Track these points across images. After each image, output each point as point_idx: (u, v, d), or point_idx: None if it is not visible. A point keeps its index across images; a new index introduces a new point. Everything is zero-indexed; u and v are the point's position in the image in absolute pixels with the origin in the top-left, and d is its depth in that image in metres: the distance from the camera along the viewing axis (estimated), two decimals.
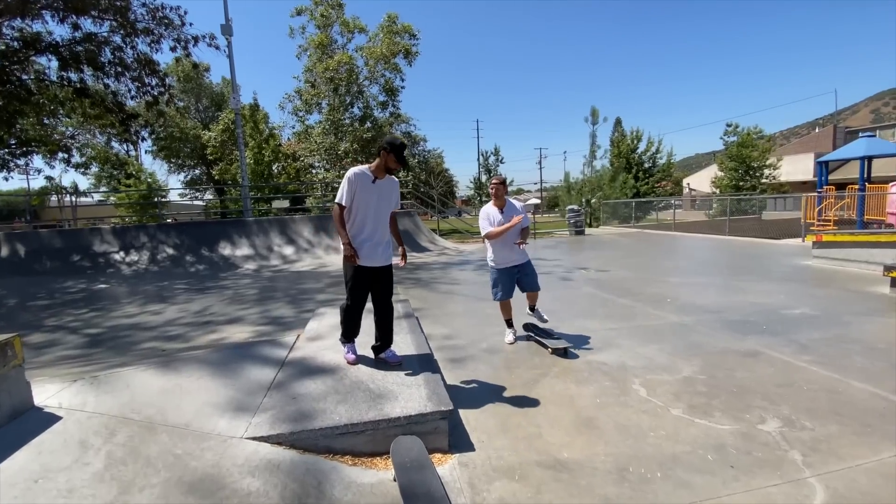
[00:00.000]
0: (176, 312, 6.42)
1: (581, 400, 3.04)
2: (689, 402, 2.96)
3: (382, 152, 3.07)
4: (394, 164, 3.09)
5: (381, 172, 3.11)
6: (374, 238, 3.13)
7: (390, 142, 3.09)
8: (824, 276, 6.76)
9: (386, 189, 3.19)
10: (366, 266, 3.11)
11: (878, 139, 13.85)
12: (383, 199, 3.17)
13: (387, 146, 3.07)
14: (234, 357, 3.21)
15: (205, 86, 35.61)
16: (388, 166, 3.10)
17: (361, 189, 3.05)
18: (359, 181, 3.05)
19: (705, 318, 4.88)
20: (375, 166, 3.10)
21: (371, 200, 3.09)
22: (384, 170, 3.11)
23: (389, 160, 3.07)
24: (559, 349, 3.87)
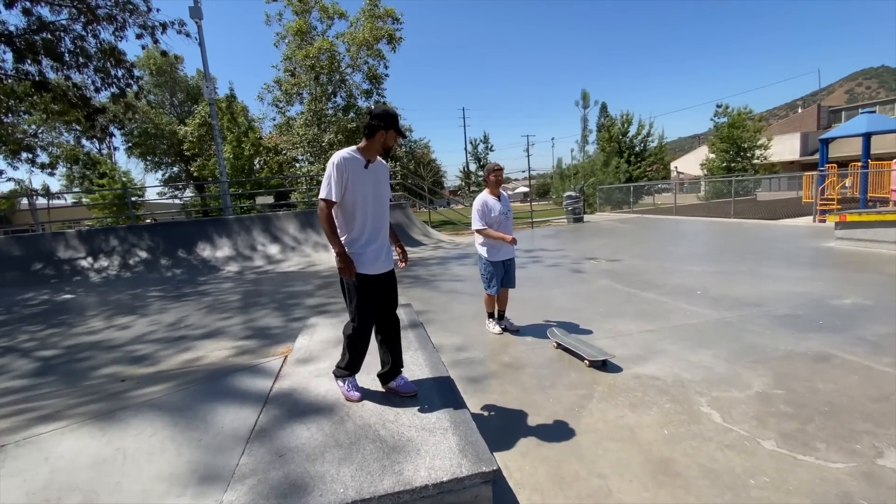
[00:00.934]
0: (146, 326, 5.68)
1: (644, 432, 2.43)
2: (778, 430, 2.37)
3: (380, 132, 2.41)
4: (394, 140, 2.47)
5: (373, 154, 2.48)
6: (377, 239, 2.49)
7: (383, 113, 2.41)
8: (856, 260, 6.28)
9: (381, 175, 2.57)
10: (371, 274, 2.45)
11: (879, 115, 13.50)
12: (380, 187, 2.55)
13: (383, 121, 2.39)
14: (201, 397, 2.52)
15: (179, 79, 34.13)
16: (387, 146, 2.47)
17: (354, 178, 2.39)
18: (350, 167, 2.38)
19: (748, 312, 4.33)
20: (367, 147, 2.45)
21: (368, 191, 2.45)
22: (380, 151, 2.48)
23: (390, 139, 2.45)
24: (597, 361, 3.27)
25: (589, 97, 27.41)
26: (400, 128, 2.47)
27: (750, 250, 7.79)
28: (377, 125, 2.39)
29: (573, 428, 2.51)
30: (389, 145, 2.47)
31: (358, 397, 2.48)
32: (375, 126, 2.39)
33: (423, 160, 42.47)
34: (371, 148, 2.44)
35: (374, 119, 2.41)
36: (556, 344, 3.70)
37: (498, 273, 4.13)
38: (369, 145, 2.44)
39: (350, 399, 2.48)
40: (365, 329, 2.50)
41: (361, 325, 2.47)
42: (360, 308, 2.44)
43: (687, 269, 6.48)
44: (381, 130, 2.40)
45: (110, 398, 2.71)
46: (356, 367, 2.57)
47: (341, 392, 2.54)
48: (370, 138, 2.42)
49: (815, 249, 7.27)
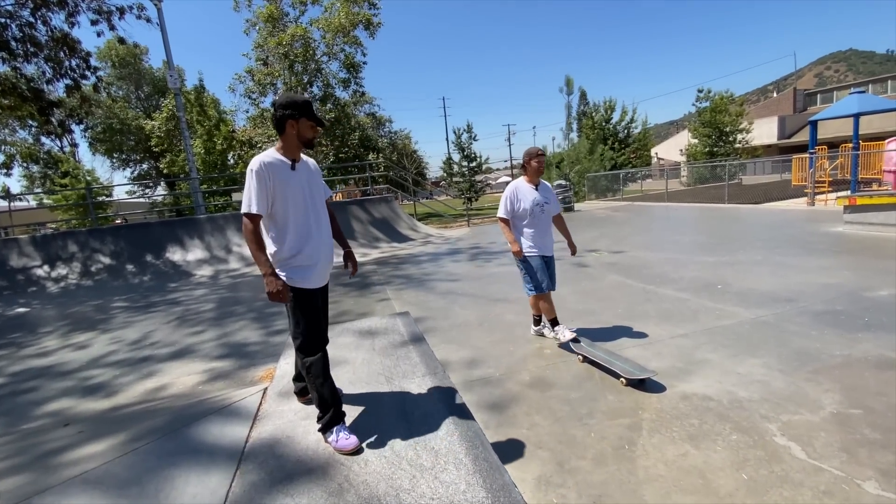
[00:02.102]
0: (106, 345, 5.01)
1: (718, 477, 1.96)
2: (875, 465, 1.93)
3: (289, 123, 2.09)
4: (311, 130, 2.15)
5: (295, 152, 2.18)
6: (319, 249, 2.19)
7: (288, 101, 2.10)
8: (873, 245, 5.98)
9: (312, 175, 2.28)
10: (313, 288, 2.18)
11: (869, 95, 13.40)
12: (314, 187, 2.26)
13: (289, 109, 2.08)
14: (154, 461, 1.94)
15: (144, 71, 32.45)
16: (303, 138, 2.15)
17: (281, 183, 2.08)
18: (273, 173, 2.06)
19: (783, 310, 3.92)
20: (285, 146, 2.15)
21: (299, 196, 2.15)
22: (299, 146, 2.17)
23: (303, 128, 2.12)
24: (634, 379, 2.79)
25: (573, 83, 26.94)
26: (315, 114, 2.16)
27: (756, 237, 7.47)
28: (284, 115, 2.08)
29: (630, 475, 2.02)
30: (307, 137, 2.16)
31: (354, 444, 2.02)
32: (282, 117, 2.09)
33: (405, 151, 41.63)
34: (289, 145, 2.15)
35: (278, 109, 2.10)
36: (581, 357, 3.19)
37: (543, 268, 3.47)
38: (286, 142, 2.15)
39: (343, 451, 2.00)
40: (321, 351, 2.19)
41: (315, 347, 2.15)
42: (310, 328, 2.14)
43: (699, 261, 6.09)
44: (289, 121, 2.09)
45: (36, 465, 2.10)
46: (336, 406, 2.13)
47: (331, 446, 2.05)
48: (282, 133, 2.13)
49: (825, 235, 6.97)
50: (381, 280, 6.85)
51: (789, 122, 32.27)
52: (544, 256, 3.50)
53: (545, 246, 3.51)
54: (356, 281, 6.99)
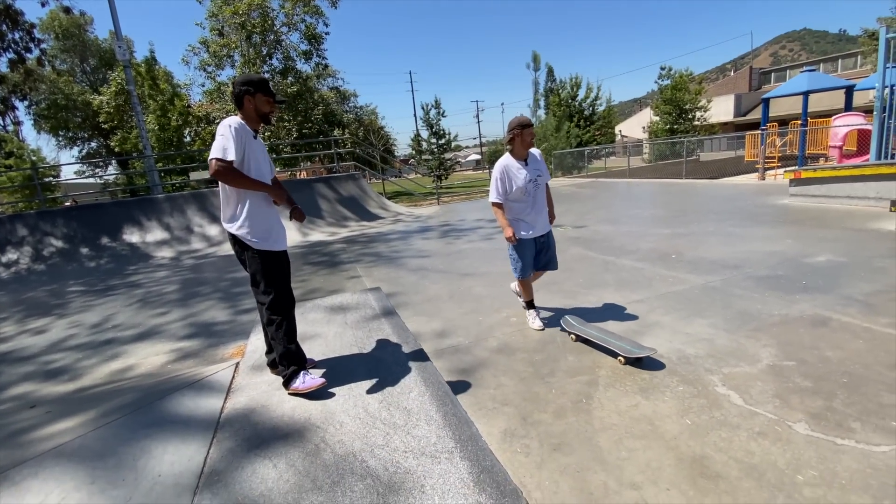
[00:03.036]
0: (65, 329, 4.85)
1: (665, 423, 2.16)
2: (806, 409, 2.17)
3: (246, 98, 2.28)
4: (267, 104, 2.32)
5: (255, 125, 2.36)
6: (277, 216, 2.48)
7: (246, 79, 2.31)
8: (814, 215, 6.42)
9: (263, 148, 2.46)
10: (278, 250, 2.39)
11: (819, 73, 14.08)
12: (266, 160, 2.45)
13: (247, 85, 2.27)
14: (129, 433, 1.96)
15: (90, 42, 30.14)
16: (260, 111, 2.32)
17: (250, 145, 2.26)
18: (244, 134, 2.24)
19: (730, 275, 4.21)
20: (246, 120, 2.31)
21: (262, 162, 2.37)
22: (258, 120, 2.35)
23: (259, 102, 2.29)
24: (632, 358, 2.68)
25: (540, 59, 27.00)
26: (270, 90, 2.33)
27: (710, 210, 7.87)
28: (242, 91, 2.27)
29: (587, 425, 2.20)
30: (264, 111, 2.33)
31: (320, 382, 2.26)
32: (240, 93, 2.28)
33: (372, 127, 40.74)
34: (248, 119, 2.31)
35: (237, 87, 2.30)
36: (574, 336, 3.10)
37: (528, 252, 3.30)
38: (245, 116, 2.31)
39: (312, 387, 2.23)
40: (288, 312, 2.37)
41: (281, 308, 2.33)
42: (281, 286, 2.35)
43: (656, 233, 6.39)
44: (247, 96, 2.27)
45: (7, 443, 2.08)
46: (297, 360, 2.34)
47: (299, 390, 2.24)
48: (241, 108, 2.30)
49: (772, 206, 7.42)
50: (350, 258, 6.85)
51: (745, 100, 33.51)
52: (539, 238, 3.34)
53: (541, 224, 3.32)
54: (325, 260, 6.96)
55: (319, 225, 10.07)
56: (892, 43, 7.60)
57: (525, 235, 3.29)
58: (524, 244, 3.30)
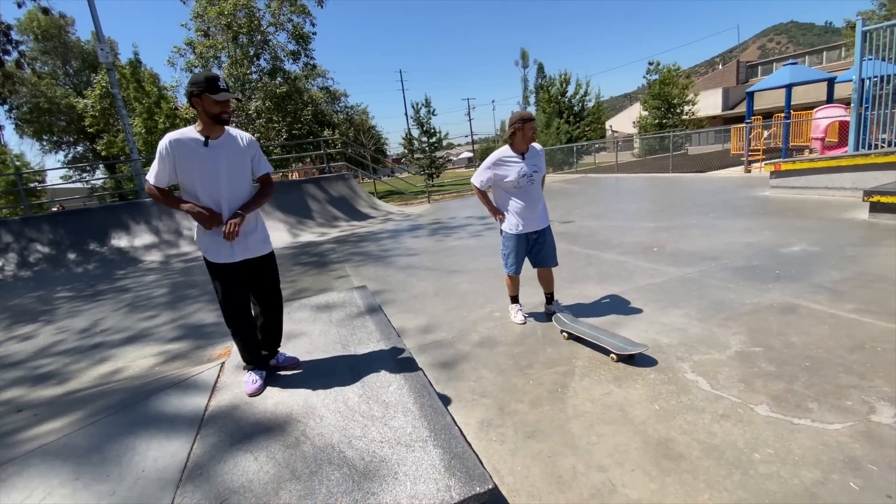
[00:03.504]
0: (53, 334, 4.87)
1: (635, 409, 2.26)
2: (768, 392, 2.28)
3: (194, 101, 2.18)
4: (215, 105, 2.16)
5: (210, 128, 2.23)
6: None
7: (193, 80, 2.19)
8: (793, 207, 6.57)
9: (233, 151, 2.30)
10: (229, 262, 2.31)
11: (801, 66, 14.29)
12: (233, 164, 2.30)
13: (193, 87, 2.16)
14: (114, 431, 2.02)
15: (72, 44, 29.72)
16: (209, 113, 2.18)
17: (188, 160, 2.19)
18: (178, 149, 2.17)
19: (708, 267, 4.32)
20: (200, 122, 2.24)
21: (211, 172, 2.23)
22: (210, 122, 2.21)
23: (206, 104, 2.16)
24: (625, 355, 2.67)
25: (528, 56, 27.14)
26: (217, 88, 2.16)
27: (694, 203, 8.00)
28: (190, 93, 2.17)
29: (561, 413, 2.28)
30: (213, 112, 2.18)
31: (254, 389, 2.36)
32: (188, 95, 2.19)
33: (362, 127, 40.68)
34: (202, 122, 2.22)
35: (186, 89, 2.21)
36: (566, 334, 3.08)
37: (520, 249, 3.31)
38: (200, 119, 2.23)
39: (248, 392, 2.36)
40: (233, 316, 2.42)
41: (227, 313, 2.41)
42: (224, 298, 2.37)
43: (640, 227, 6.50)
44: (194, 99, 2.16)
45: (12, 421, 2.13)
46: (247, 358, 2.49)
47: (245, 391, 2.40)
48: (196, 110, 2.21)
49: (753, 199, 7.57)
50: (339, 258, 6.90)
51: (733, 94, 33.83)
52: (531, 234, 3.30)
53: (534, 219, 3.26)
54: (314, 260, 7.00)
55: (309, 226, 10.10)
56: (869, 35, 7.74)
57: (514, 231, 3.27)
58: (514, 239, 3.30)
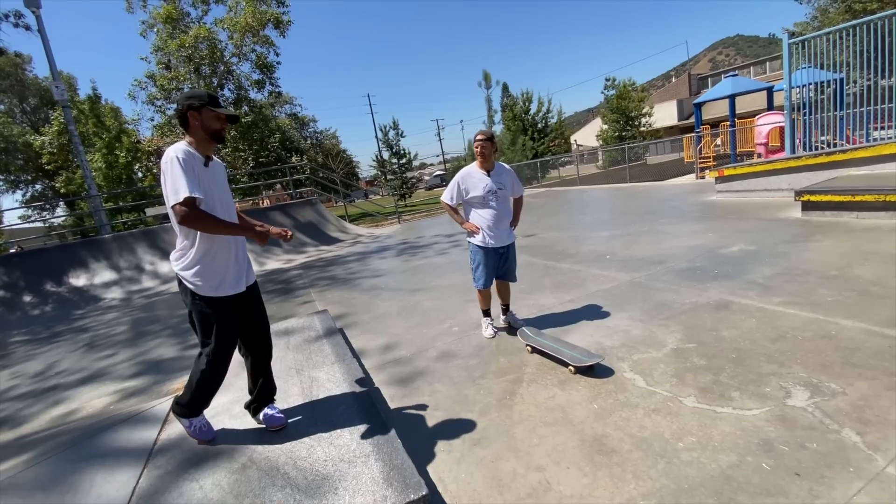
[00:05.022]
0: (6, 380, 4.70)
1: (576, 410, 2.38)
2: (697, 385, 2.44)
3: (191, 115, 2.00)
4: (216, 121, 2.03)
5: (205, 148, 2.06)
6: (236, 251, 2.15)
7: (189, 95, 2.03)
8: (736, 209, 6.97)
9: (222, 176, 2.18)
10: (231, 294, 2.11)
11: (741, 77, 15.23)
12: (226, 189, 2.19)
13: (192, 100, 2.00)
14: (61, 467, 2.02)
15: (28, 82, 29.06)
16: (209, 129, 2.03)
17: (204, 176, 1.99)
18: (194, 161, 1.96)
19: (654, 270, 4.56)
20: (194, 141, 2.04)
21: (215, 194, 2.06)
22: (208, 139, 2.05)
23: (207, 118, 2.01)
24: (583, 366, 2.71)
25: (490, 77, 27.97)
26: (219, 104, 2.06)
27: (647, 210, 8.37)
28: (186, 107, 2.00)
29: (507, 419, 2.39)
30: (214, 128, 2.03)
31: (213, 437, 2.18)
32: (184, 110, 2.00)
33: (332, 151, 40.77)
34: (197, 140, 2.03)
35: (180, 103, 2.04)
36: (530, 348, 3.13)
37: (490, 263, 3.37)
38: (193, 137, 2.03)
39: (202, 441, 2.16)
40: (225, 361, 2.14)
41: (220, 356, 2.10)
42: (221, 336, 2.08)
43: (596, 236, 6.76)
44: (191, 112, 1.99)
45: None
46: (205, 406, 2.22)
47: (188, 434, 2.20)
48: (188, 128, 2.03)
49: (701, 204, 7.98)
50: (305, 284, 6.91)
51: (686, 105, 35.50)
52: (498, 248, 3.39)
53: (500, 235, 3.36)
54: (279, 287, 6.98)
55: (276, 253, 10.04)
56: (806, 45, 8.30)
57: (484, 245, 3.35)
58: (484, 253, 3.37)
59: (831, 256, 4.17)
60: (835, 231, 4.99)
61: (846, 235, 4.76)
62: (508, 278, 3.56)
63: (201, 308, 2.08)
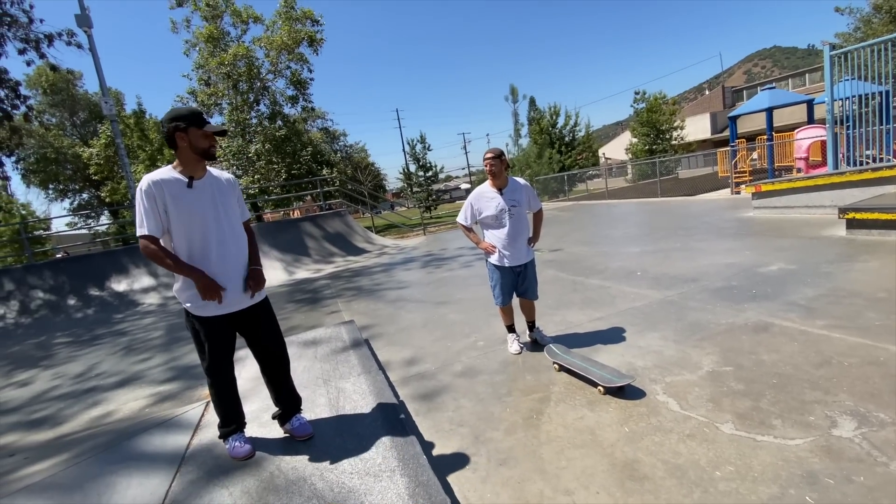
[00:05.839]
0: (49, 380, 4.93)
1: (606, 432, 2.31)
2: (734, 410, 2.33)
3: (178, 136, 1.97)
4: (204, 139, 2.00)
5: (194, 168, 2.03)
6: (227, 272, 2.07)
7: (175, 115, 1.99)
8: (774, 226, 6.71)
9: (219, 191, 2.11)
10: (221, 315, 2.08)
11: (779, 90, 14.78)
12: (222, 207, 2.10)
13: (177, 122, 1.96)
14: (97, 469, 2.09)
15: (79, 97, 31.00)
16: (198, 149, 1.99)
17: (175, 203, 1.96)
18: (164, 191, 1.94)
19: (687, 289, 4.41)
20: (182, 161, 2.02)
21: (199, 215, 2.01)
22: (197, 159, 2.02)
23: (194, 138, 1.97)
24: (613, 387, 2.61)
25: (517, 92, 28.00)
26: (204, 121, 2.00)
27: (680, 226, 8.15)
28: (173, 128, 1.96)
29: (534, 439, 2.34)
30: (202, 147, 1.99)
31: (246, 452, 2.15)
32: (171, 131, 1.96)
33: (360, 164, 41.62)
34: (185, 159, 2.00)
35: (164, 125, 1.99)
36: (557, 366, 3.06)
37: (506, 281, 3.35)
38: (181, 157, 2.01)
39: (237, 457, 2.14)
40: (219, 379, 2.15)
41: (214, 374, 2.13)
42: (211, 355, 2.09)
43: (626, 252, 6.62)
44: (179, 133, 1.96)
45: None
46: (230, 422, 2.22)
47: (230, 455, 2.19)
48: (176, 149, 2.00)
49: (737, 220, 7.72)
50: (332, 294, 7.01)
51: (720, 118, 34.64)
52: (515, 267, 3.33)
53: (516, 254, 3.29)
54: (307, 297, 7.11)
55: (305, 263, 10.25)
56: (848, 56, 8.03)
57: (500, 263, 3.32)
58: (500, 271, 3.34)
59: (879, 278, 3.95)
60: (882, 250, 4.73)
61: (895, 255, 4.51)
62: (528, 296, 3.49)
63: (192, 325, 2.11)
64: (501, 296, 3.40)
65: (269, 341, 2.25)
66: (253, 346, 2.24)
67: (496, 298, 3.45)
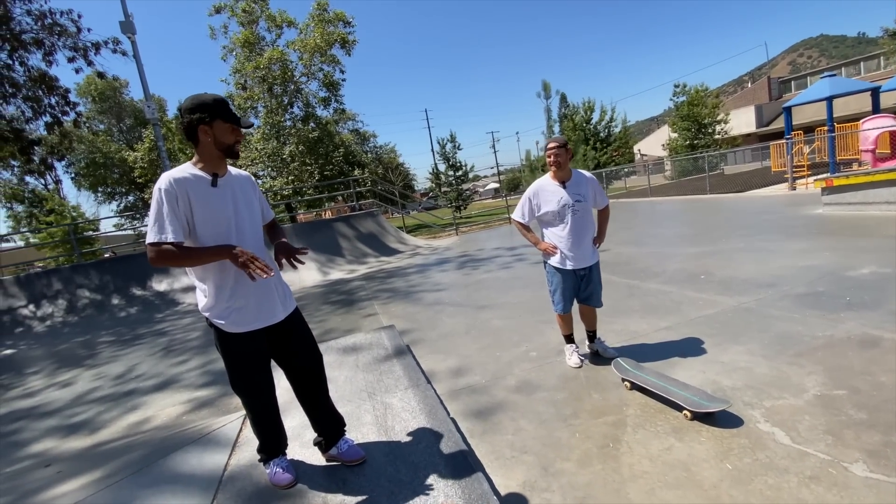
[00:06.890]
0: (90, 381, 4.92)
1: (703, 469, 1.94)
2: (863, 447, 1.92)
3: (201, 129, 1.68)
4: (230, 134, 1.73)
5: (217, 165, 1.76)
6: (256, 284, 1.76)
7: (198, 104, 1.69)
8: (852, 224, 6.05)
9: (242, 190, 1.86)
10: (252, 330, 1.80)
11: (840, 78, 13.70)
12: (246, 207, 1.85)
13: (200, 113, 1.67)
14: (129, 494, 1.89)
15: (125, 103, 32.51)
16: (222, 144, 1.73)
17: (200, 203, 1.69)
18: (187, 190, 1.66)
19: (765, 295, 3.94)
20: (202, 157, 1.74)
21: (225, 215, 1.75)
22: (220, 155, 1.75)
23: (219, 132, 1.70)
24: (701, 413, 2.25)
25: (550, 87, 27.41)
26: (232, 114, 1.73)
27: (738, 225, 7.54)
28: (195, 120, 1.67)
29: (615, 474, 1.99)
30: (227, 143, 1.74)
31: (288, 480, 1.90)
32: (193, 123, 1.68)
33: (391, 165, 41.79)
34: (207, 155, 1.74)
35: (185, 115, 1.69)
36: (628, 384, 2.68)
37: (568, 286, 3.01)
38: (202, 153, 1.74)
39: (278, 484, 1.90)
40: (254, 401, 1.90)
41: (243, 393, 1.88)
42: (250, 377, 1.84)
43: (682, 252, 6.12)
44: (202, 126, 1.68)
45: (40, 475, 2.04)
46: (270, 448, 1.97)
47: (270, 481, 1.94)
48: (197, 143, 1.72)
49: (804, 217, 7.05)
50: (367, 295, 6.81)
51: (766, 110, 32.82)
52: (579, 270, 3.00)
53: (581, 256, 2.96)
54: (342, 298, 6.94)
55: (339, 263, 10.15)
56: None
57: (562, 266, 2.99)
58: (562, 275, 3.01)
59: None
60: None
61: None
62: (592, 303, 3.13)
63: (216, 340, 1.84)
64: (562, 302, 3.05)
65: (304, 358, 1.97)
66: (285, 364, 1.96)
67: (555, 305, 3.10)
